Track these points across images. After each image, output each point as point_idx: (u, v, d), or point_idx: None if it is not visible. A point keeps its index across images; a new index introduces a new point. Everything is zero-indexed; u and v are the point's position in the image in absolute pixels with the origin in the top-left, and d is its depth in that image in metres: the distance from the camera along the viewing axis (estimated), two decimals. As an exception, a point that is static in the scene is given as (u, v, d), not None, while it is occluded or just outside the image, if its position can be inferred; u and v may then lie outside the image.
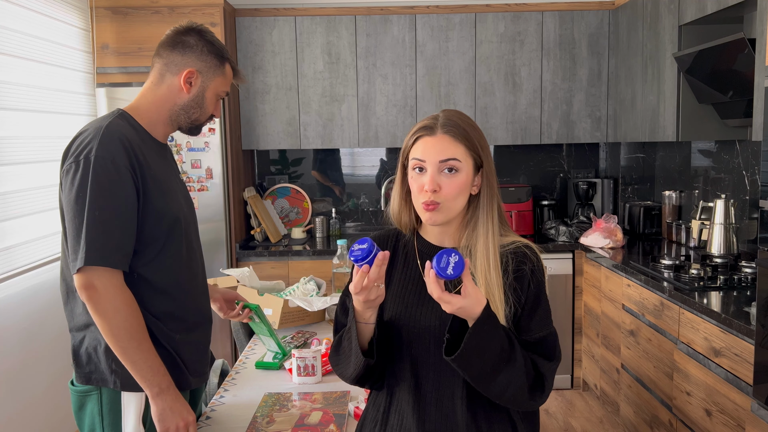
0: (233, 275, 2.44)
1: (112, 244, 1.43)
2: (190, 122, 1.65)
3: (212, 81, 1.64)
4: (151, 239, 1.53)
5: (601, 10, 3.87)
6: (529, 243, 1.37)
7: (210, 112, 1.68)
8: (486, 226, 1.31)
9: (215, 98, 1.67)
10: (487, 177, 1.32)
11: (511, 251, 1.34)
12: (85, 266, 1.40)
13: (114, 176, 1.44)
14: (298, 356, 1.87)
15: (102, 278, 1.42)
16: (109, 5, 3.52)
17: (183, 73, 1.59)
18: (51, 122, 3.08)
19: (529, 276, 1.32)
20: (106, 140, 1.46)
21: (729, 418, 2.12)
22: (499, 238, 1.34)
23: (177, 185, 1.66)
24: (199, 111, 1.65)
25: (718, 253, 2.95)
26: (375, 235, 1.43)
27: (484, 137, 1.34)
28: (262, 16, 3.82)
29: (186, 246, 1.61)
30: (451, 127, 1.29)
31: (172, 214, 1.56)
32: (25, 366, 2.72)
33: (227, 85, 1.68)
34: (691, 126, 3.07)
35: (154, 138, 1.63)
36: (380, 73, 3.87)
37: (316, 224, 4.10)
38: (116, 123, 1.52)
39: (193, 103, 1.63)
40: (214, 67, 1.63)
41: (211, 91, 1.64)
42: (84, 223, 1.42)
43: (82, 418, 1.56)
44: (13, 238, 2.74)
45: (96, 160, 1.43)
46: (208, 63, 1.62)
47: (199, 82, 1.62)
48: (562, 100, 3.91)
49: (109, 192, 1.43)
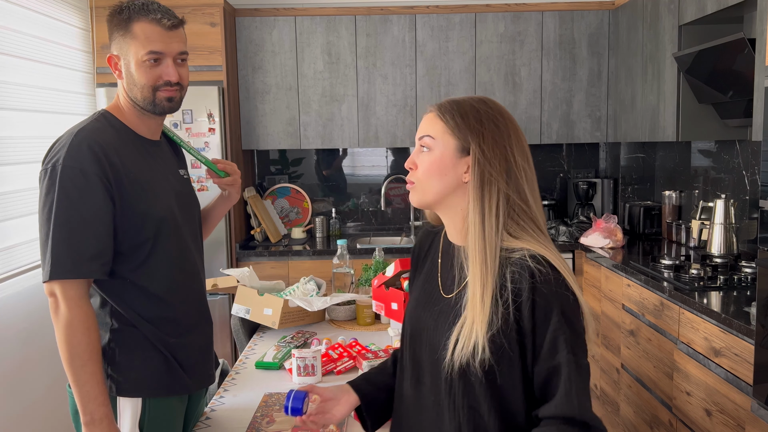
0: (233, 275, 2.44)
1: (82, 255, 1.39)
2: (141, 103, 1.51)
3: (129, 53, 1.48)
4: (137, 243, 1.48)
5: (601, 10, 3.87)
6: (538, 252, 1.13)
7: (147, 83, 1.48)
8: (474, 222, 1.16)
9: (142, 67, 1.47)
10: (479, 165, 1.16)
11: (514, 260, 1.14)
12: (51, 279, 1.38)
13: (83, 185, 1.39)
14: (298, 356, 1.87)
15: (62, 290, 1.39)
16: (109, 5, 3.51)
17: (109, 63, 1.52)
18: (51, 122, 3.07)
19: (528, 295, 1.10)
20: (75, 148, 1.41)
21: (729, 418, 2.12)
22: (503, 241, 1.15)
23: (168, 184, 1.58)
24: (136, 89, 1.50)
25: (718, 253, 2.95)
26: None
27: (498, 126, 1.19)
28: (262, 16, 3.82)
29: (177, 247, 1.56)
30: (442, 105, 1.21)
31: (157, 216, 1.50)
32: (25, 366, 2.72)
33: (146, 45, 1.46)
34: (691, 126, 3.07)
35: (141, 135, 1.56)
36: (380, 73, 3.87)
37: (316, 224, 4.10)
38: (90, 127, 1.47)
39: (129, 84, 1.50)
40: (123, 38, 1.48)
41: (133, 64, 1.48)
42: (49, 234, 1.38)
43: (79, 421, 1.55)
44: (13, 238, 2.74)
45: (63, 169, 1.39)
46: (117, 39, 1.49)
47: (121, 62, 1.50)
48: (562, 100, 3.91)
49: (79, 201, 1.39)
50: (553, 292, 1.10)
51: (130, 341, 1.50)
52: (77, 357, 1.39)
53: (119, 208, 1.45)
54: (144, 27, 1.46)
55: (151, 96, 1.50)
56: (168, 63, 1.50)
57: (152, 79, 1.49)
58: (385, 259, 2.62)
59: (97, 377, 1.41)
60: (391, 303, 2.26)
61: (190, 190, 1.71)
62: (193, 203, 1.69)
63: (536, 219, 1.19)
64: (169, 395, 1.55)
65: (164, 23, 1.48)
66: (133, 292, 1.50)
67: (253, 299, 2.30)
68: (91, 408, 1.40)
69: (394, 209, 4.33)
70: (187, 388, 1.59)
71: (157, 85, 1.50)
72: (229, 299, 3.60)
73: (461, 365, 1.14)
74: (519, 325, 1.11)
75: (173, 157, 1.70)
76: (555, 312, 1.10)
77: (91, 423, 1.40)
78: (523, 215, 1.17)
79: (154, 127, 1.60)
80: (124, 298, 1.49)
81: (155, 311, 1.52)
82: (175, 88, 1.52)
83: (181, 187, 1.65)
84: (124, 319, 1.50)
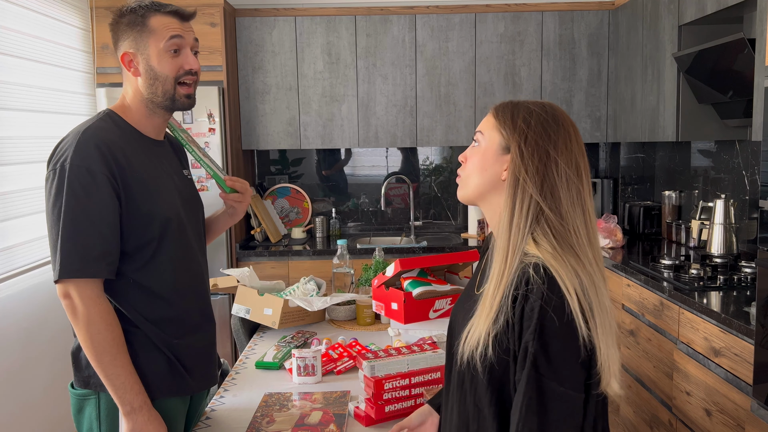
0: (233, 275, 2.44)
1: (89, 254, 1.39)
2: (161, 99, 1.53)
3: (148, 47, 1.49)
4: (143, 243, 1.49)
5: (601, 10, 3.87)
6: (541, 263, 1.09)
7: (170, 75, 1.50)
8: (502, 220, 1.15)
9: (165, 57, 1.50)
10: (515, 165, 1.14)
11: (523, 267, 1.11)
12: (60, 279, 1.39)
13: (90, 184, 1.40)
14: (298, 356, 1.87)
15: (77, 290, 1.39)
16: (109, 5, 3.52)
17: (122, 61, 1.52)
18: (51, 122, 3.08)
19: (521, 302, 1.09)
20: (82, 147, 1.41)
21: (729, 417, 2.12)
22: (522, 245, 1.12)
23: (173, 184, 1.58)
24: (158, 83, 1.51)
25: (718, 253, 2.95)
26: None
27: (546, 130, 1.16)
28: (262, 16, 3.82)
29: (181, 247, 1.56)
30: (500, 104, 1.22)
31: (163, 216, 1.50)
32: (25, 366, 2.72)
33: (165, 33, 1.49)
34: (691, 126, 3.07)
35: (145, 135, 1.56)
36: (380, 73, 3.87)
37: (316, 224, 4.10)
38: (96, 126, 1.47)
39: (149, 79, 1.50)
40: (140, 34, 1.49)
41: (154, 57, 1.49)
42: (59, 234, 1.39)
43: (81, 421, 1.54)
44: (13, 238, 2.74)
45: (71, 168, 1.40)
46: (132, 36, 1.49)
47: (138, 58, 1.50)
48: (562, 100, 3.91)
49: (86, 200, 1.39)
50: (539, 305, 1.06)
51: (133, 342, 1.50)
52: (105, 353, 1.41)
53: (125, 207, 1.45)
54: (161, 19, 1.50)
55: (172, 90, 1.52)
56: (187, 52, 1.53)
57: (174, 69, 1.51)
58: (385, 259, 2.62)
59: (128, 368, 1.43)
60: (391, 303, 2.26)
61: (194, 190, 1.70)
62: (196, 204, 1.69)
63: (567, 233, 1.12)
64: (171, 396, 1.55)
65: (179, 14, 1.53)
66: (137, 292, 1.50)
67: (253, 299, 2.30)
68: (129, 398, 1.42)
69: (394, 209, 4.33)
70: (189, 389, 1.59)
71: (178, 75, 1.52)
72: (229, 299, 3.60)
73: (468, 359, 1.14)
74: (515, 328, 1.10)
75: (176, 157, 1.69)
76: (534, 323, 1.06)
77: (132, 412, 1.43)
78: (552, 226, 1.13)
79: (160, 126, 1.60)
80: (128, 298, 1.49)
81: (159, 312, 1.52)
82: (194, 79, 1.56)
83: (184, 187, 1.65)
84: (127, 319, 1.50)
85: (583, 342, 1.06)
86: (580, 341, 1.06)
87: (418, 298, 2.23)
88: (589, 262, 1.13)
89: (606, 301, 1.12)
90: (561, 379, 1.06)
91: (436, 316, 2.29)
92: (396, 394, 1.60)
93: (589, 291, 1.09)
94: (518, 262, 1.12)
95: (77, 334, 1.42)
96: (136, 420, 1.43)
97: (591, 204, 1.17)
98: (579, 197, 1.15)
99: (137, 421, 1.43)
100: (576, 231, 1.13)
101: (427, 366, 1.65)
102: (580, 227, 1.14)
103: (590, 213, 1.16)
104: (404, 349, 1.70)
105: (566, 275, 1.08)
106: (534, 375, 1.05)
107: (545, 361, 1.05)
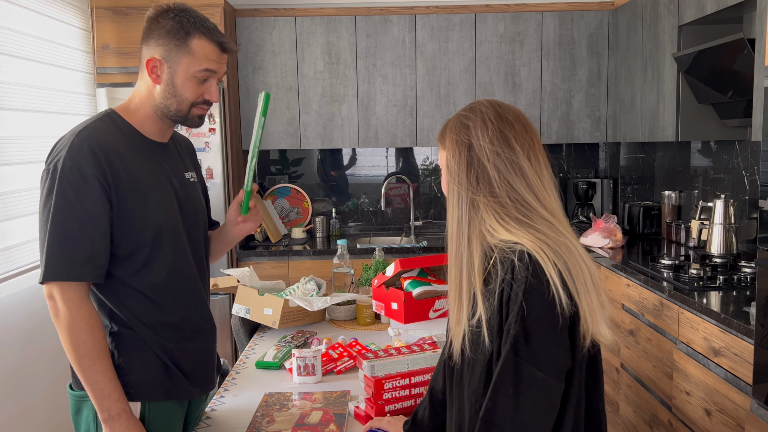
0: (233, 275, 2.45)
1: (75, 257, 1.37)
2: (173, 114, 1.51)
3: (179, 64, 1.46)
4: (136, 247, 1.46)
5: (600, 10, 3.87)
6: (526, 249, 1.09)
7: (189, 99, 1.49)
8: (448, 220, 1.21)
9: (191, 82, 1.48)
10: (450, 170, 1.20)
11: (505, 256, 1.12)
12: (45, 281, 1.38)
13: (81, 186, 1.37)
14: (298, 356, 1.87)
15: (60, 292, 1.38)
16: (109, 5, 3.52)
17: (146, 64, 1.48)
18: (51, 122, 3.08)
19: (507, 290, 1.09)
20: (76, 148, 1.39)
21: (728, 417, 2.12)
22: (490, 235, 1.14)
23: (171, 188, 1.54)
24: (174, 101, 1.49)
25: (718, 253, 2.95)
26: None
27: (462, 122, 1.21)
28: (262, 17, 3.82)
29: (176, 252, 1.53)
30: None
31: (155, 222, 1.47)
32: (25, 366, 2.72)
33: (202, 62, 1.47)
34: (691, 126, 3.07)
35: (147, 137, 1.53)
36: (380, 73, 3.87)
37: (317, 224, 4.10)
38: (93, 127, 1.44)
39: (167, 93, 1.48)
40: (177, 48, 1.46)
41: (181, 76, 1.47)
42: (47, 235, 1.37)
43: (79, 422, 1.53)
44: (13, 238, 2.74)
45: (63, 169, 1.37)
46: (168, 45, 1.46)
47: (165, 69, 1.47)
48: (562, 101, 3.91)
49: (75, 202, 1.37)
50: (522, 290, 1.06)
51: (128, 344, 1.49)
52: (85, 357, 1.39)
53: (117, 211, 1.43)
54: (204, 45, 1.48)
55: (186, 111, 1.51)
56: (213, 83, 1.51)
57: (195, 96, 1.50)
58: (385, 259, 2.62)
59: (108, 374, 1.41)
60: (391, 303, 2.26)
61: (196, 194, 1.66)
62: (197, 208, 1.65)
63: (505, 205, 1.13)
64: (167, 399, 1.54)
65: (222, 46, 1.50)
66: (132, 295, 1.48)
67: (253, 299, 2.30)
68: (107, 405, 1.40)
69: (394, 209, 4.33)
70: (186, 393, 1.57)
71: (196, 102, 1.51)
72: (230, 299, 3.60)
73: (459, 355, 1.20)
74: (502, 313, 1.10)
75: (181, 159, 1.66)
76: (518, 308, 1.06)
77: (110, 419, 1.40)
78: (491, 208, 1.14)
79: (166, 131, 1.58)
80: (122, 300, 1.48)
81: (154, 315, 1.50)
82: (209, 106, 1.55)
83: (185, 191, 1.60)
84: (122, 321, 1.49)
85: (561, 311, 1.05)
86: (557, 311, 1.05)
87: (418, 298, 2.23)
88: (543, 220, 1.12)
89: (576, 251, 1.11)
90: (540, 363, 1.05)
91: (436, 316, 2.29)
92: (396, 393, 1.60)
93: (560, 250, 1.09)
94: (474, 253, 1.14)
95: (60, 336, 1.41)
96: (114, 427, 1.40)
97: (536, 166, 1.16)
98: (513, 165, 1.14)
99: (115, 428, 1.40)
100: (517, 199, 1.13)
101: (427, 366, 1.65)
102: (523, 192, 1.13)
103: (533, 175, 1.15)
104: (404, 348, 1.70)
105: (546, 257, 1.07)
106: (512, 358, 1.05)
107: (525, 344, 1.04)
